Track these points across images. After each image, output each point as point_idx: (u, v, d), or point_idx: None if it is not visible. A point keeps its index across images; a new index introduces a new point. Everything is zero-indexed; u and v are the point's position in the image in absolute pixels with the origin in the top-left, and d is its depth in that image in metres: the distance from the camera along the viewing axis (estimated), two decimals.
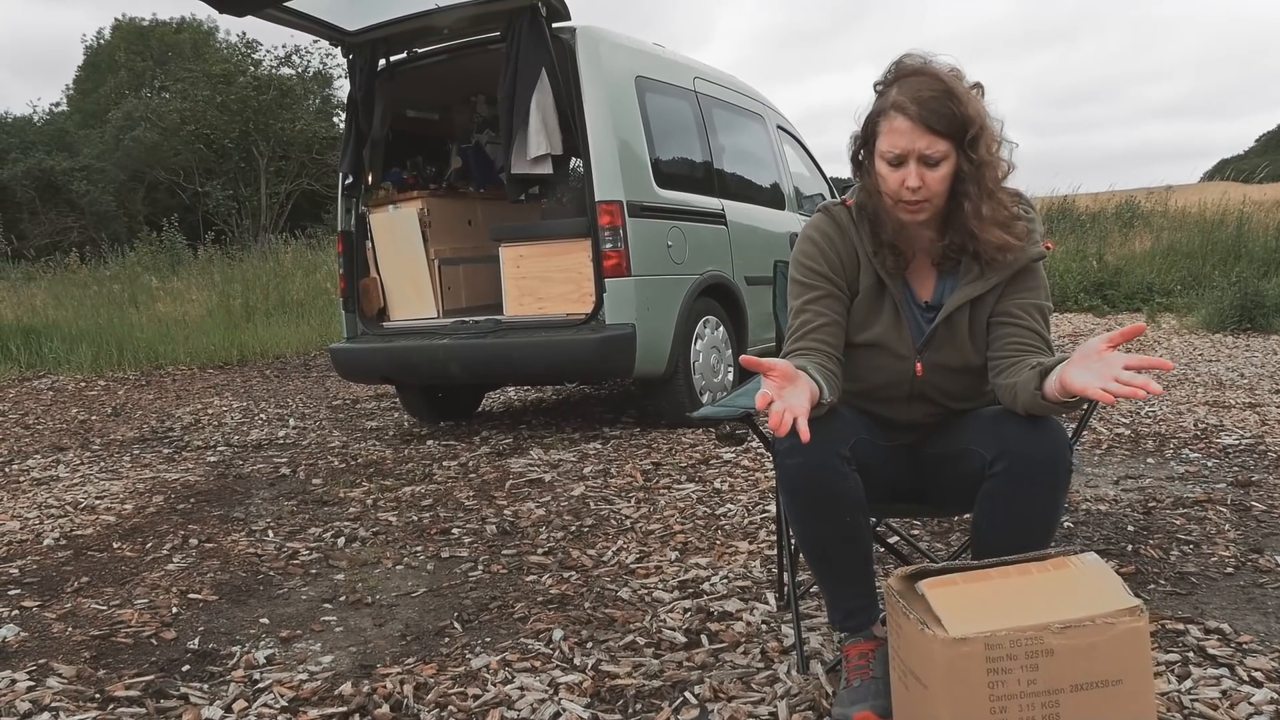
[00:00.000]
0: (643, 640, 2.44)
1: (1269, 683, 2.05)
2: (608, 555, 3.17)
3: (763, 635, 2.43)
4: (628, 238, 4.70)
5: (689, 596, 2.74)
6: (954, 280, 2.01)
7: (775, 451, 1.89)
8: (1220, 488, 3.63)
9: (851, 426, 1.92)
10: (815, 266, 2.05)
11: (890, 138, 1.87)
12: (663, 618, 2.58)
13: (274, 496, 4.19)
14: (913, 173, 1.85)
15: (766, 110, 6.67)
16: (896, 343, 2.02)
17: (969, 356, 2.00)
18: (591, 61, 4.81)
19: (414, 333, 5.26)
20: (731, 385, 5.48)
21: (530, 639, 2.50)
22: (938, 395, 2.06)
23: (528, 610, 2.71)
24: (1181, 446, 4.32)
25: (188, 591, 2.97)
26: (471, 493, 4.05)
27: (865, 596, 1.98)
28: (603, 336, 4.67)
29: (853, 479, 1.86)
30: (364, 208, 5.52)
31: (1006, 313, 1.97)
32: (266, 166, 27.06)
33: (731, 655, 2.32)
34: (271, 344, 10.22)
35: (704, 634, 2.45)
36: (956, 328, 2.00)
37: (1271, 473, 3.83)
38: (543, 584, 2.93)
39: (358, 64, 5.24)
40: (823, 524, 1.89)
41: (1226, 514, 3.29)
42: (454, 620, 2.67)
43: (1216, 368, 6.63)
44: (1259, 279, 9.16)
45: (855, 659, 1.95)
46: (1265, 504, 3.38)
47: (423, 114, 6.26)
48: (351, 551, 3.34)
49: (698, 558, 3.09)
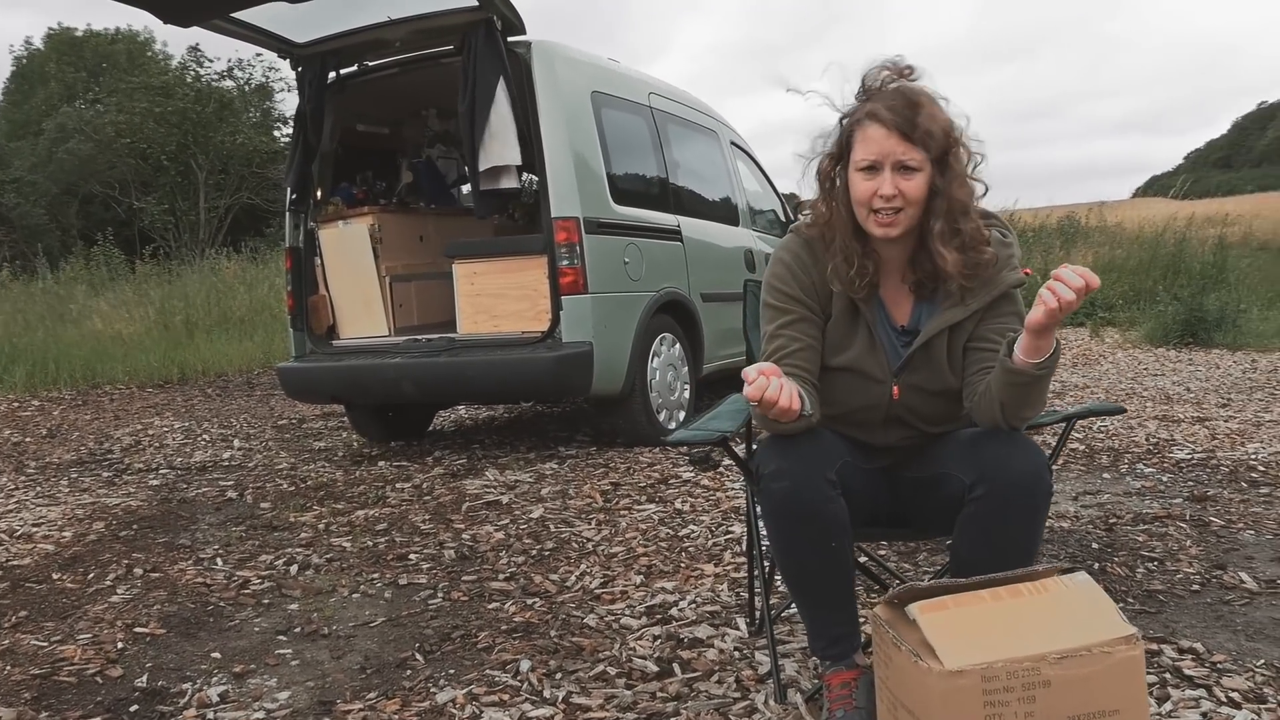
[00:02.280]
0: (613, 670, 2.37)
1: (1246, 704, 2.05)
2: (571, 580, 3.09)
3: (736, 663, 2.37)
4: (584, 255, 4.64)
5: (657, 623, 2.68)
6: (931, 305, 1.99)
7: (760, 476, 1.84)
8: (1178, 503, 3.65)
9: (836, 449, 1.87)
10: (788, 290, 2.02)
11: (865, 145, 1.85)
12: (632, 646, 2.52)
13: (221, 522, 4.05)
14: (888, 180, 1.83)
15: (720, 126, 6.66)
16: (872, 367, 1.99)
17: (946, 381, 1.97)
18: (547, 76, 4.75)
19: (365, 351, 5.15)
20: (688, 403, 5.44)
21: (496, 670, 2.42)
22: (913, 419, 2.03)
23: (492, 639, 2.63)
24: (1136, 461, 4.36)
25: (134, 625, 2.84)
26: (427, 516, 3.95)
27: (848, 624, 1.94)
28: (559, 355, 4.60)
29: (839, 503, 1.81)
30: (313, 223, 5.40)
31: (983, 338, 1.95)
32: (205, 180, 26.54)
33: (706, 685, 2.26)
34: (213, 362, 9.98)
35: (676, 662, 2.40)
36: (935, 353, 1.97)
37: (1225, 487, 3.87)
38: (506, 611, 2.85)
39: (306, 76, 5.13)
40: (807, 550, 1.84)
41: (1187, 529, 3.31)
42: (416, 651, 2.58)
43: (1163, 382, 6.74)
44: (1200, 294, 9.35)
45: (838, 688, 1.91)
46: (1223, 519, 3.41)
47: (373, 128, 6.15)
48: (305, 579, 3.23)
49: (663, 581, 3.03)
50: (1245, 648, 2.34)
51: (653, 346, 5.11)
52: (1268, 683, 2.14)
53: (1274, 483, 3.91)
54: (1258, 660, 2.26)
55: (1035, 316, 1.69)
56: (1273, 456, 4.34)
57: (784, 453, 1.79)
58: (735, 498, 3.99)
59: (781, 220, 7.16)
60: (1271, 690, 2.10)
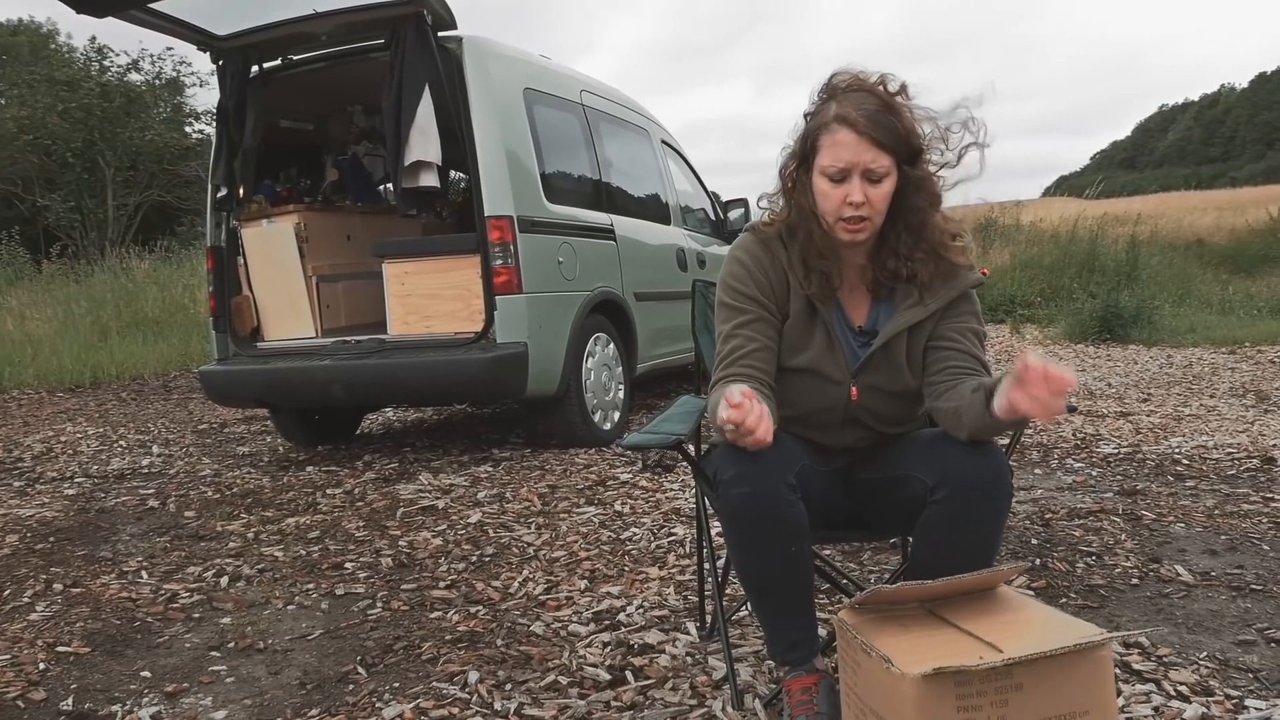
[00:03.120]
0: (565, 679, 2.32)
1: (1195, 696, 2.07)
2: (514, 587, 3.03)
3: (689, 669, 2.34)
4: (519, 254, 4.57)
5: (606, 629, 2.63)
6: (889, 305, 1.97)
7: (718, 481, 1.80)
8: (1109, 497, 3.73)
9: (795, 453, 1.85)
10: (744, 289, 1.98)
11: (833, 151, 1.81)
12: (582, 653, 2.47)
13: (144, 532, 3.89)
14: (857, 188, 1.80)
15: (651, 125, 6.63)
16: (830, 367, 1.97)
17: (905, 381, 1.96)
18: (479, 72, 4.66)
19: (292, 353, 5.00)
20: (623, 404, 5.39)
21: (444, 683, 2.35)
22: (871, 419, 2.01)
23: (436, 650, 2.55)
24: (1065, 456, 4.44)
25: (56, 644, 2.70)
26: (361, 523, 3.85)
27: (808, 628, 1.91)
28: (494, 356, 4.52)
29: (799, 507, 1.79)
30: (235, 222, 5.23)
31: (943, 336, 1.94)
32: (114, 177, 25.66)
33: (660, 692, 2.22)
34: (127, 365, 9.64)
35: (628, 669, 2.35)
36: (894, 354, 1.95)
37: (1153, 480, 3.97)
38: (449, 620, 2.77)
39: (228, 70, 4.96)
40: (767, 555, 1.81)
41: (1120, 523, 3.37)
42: (357, 665, 2.49)
43: (1084, 377, 6.90)
44: (1115, 291, 9.61)
45: (798, 693, 1.88)
46: (1154, 512, 3.48)
47: (297, 124, 5.98)
48: (236, 591, 3.11)
49: (608, 586, 2.98)
50: (1188, 640, 2.38)
51: (587, 347, 5.06)
52: (1212, 675, 2.17)
53: (1198, 476, 4.01)
54: (1200, 653, 2.30)
55: (1020, 408, 1.61)
56: (1195, 450, 4.46)
57: (742, 457, 1.76)
58: (674, 499, 3.96)
59: (711, 219, 7.15)
60: (1217, 682, 2.14)
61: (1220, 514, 3.44)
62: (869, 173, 1.80)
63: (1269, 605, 2.59)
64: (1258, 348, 8.46)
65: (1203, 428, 5.00)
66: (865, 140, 1.78)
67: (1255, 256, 17.13)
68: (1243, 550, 3.05)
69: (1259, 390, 6.12)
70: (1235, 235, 20.36)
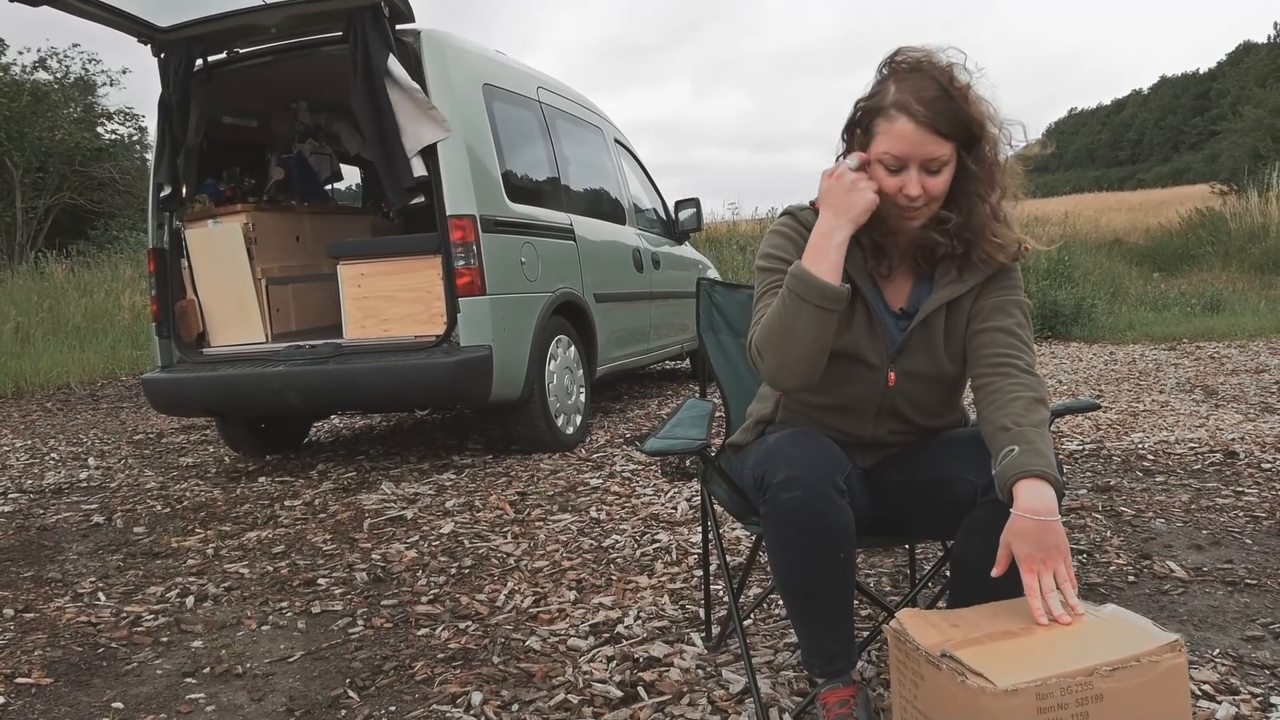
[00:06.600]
0: (575, 698, 2.21)
1: (1221, 695, 2.05)
2: (501, 599, 2.91)
3: (703, 682, 2.25)
4: (482, 254, 4.44)
5: (606, 642, 2.53)
6: (929, 285, 1.90)
7: (767, 485, 1.71)
8: (1084, 494, 3.73)
9: (840, 455, 1.77)
10: (786, 256, 1.86)
11: (890, 141, 1.72)
12: (586, 669, 2.37)
13: (93, 550, 3.68)
14: (914, 180, 1.73)
15: (604, 123, 6.53)
16: (869, 351, 1.89)
17: (943, 365, 1.89)
18: (439, 67, 4.52)
19: (242, 359, 4.78)
20: (584, 407, 5.29)
21: (444, 705, 2.23)
22: (907, 409, 1.94)
23: (430, 670, 2.43)
24: None
25: (14, 675, 2.51)
26: (327, 535, 3.68)
27: (848, 639, 1.84)
28: (458, 360, 4.38)
29: (848, 512, 1.71)
30: (178, 223, 5.00)
31: (983, 315, 1.86)
32: (21, 179, 24.67)
33: (678, 708, 2.13)
34: (52, 374, 9.22)
35: (639, 685, 2.25)
36: (932, 333, 1.88)
37: (1123, 476, 3.99)
38: (438, 637, 2.65)
39: (170, 64, 4.73)
40: (815, 562, 1.73)
41: (1103, 520, 3.37)
42: (347, 688, 2.36)
43: None
44: (1052, 289, 9.76)
45: (836, 706, 1.81)
46: (1132, 509, 3.50)
47: (241, 121, 5.75)
48: (205, 612, 2.94)
49: (599, 597, 2.88)
50: (1197, 638, 2.36)
51: (550, 349, 4.94)
52: (1231, 672, 2.16)
53: (1166, 470, 4.05)
54: (1213, 650, 2.28)
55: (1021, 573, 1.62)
56: (1158, 445, 4.51)
57: (791, 459, 1.68)
58: (650, 504, 3.87)
59: (663, 219, 7.06)
60: (1238, 680, 2.12)
61: (1197, 508, 3.47)
62: (927, 163, 1.72)
63: (1267, 600, 2.60)
64: (1195, 344, 8.65)
65: (1160, 423, 5.07)
66: (925, 131, 1.69)
67: (1174, 255, 17.62)
68: (1226, 544, 3.07)
69: (1205, 385, 6.24)
70: (1150, 234, 20.95)
